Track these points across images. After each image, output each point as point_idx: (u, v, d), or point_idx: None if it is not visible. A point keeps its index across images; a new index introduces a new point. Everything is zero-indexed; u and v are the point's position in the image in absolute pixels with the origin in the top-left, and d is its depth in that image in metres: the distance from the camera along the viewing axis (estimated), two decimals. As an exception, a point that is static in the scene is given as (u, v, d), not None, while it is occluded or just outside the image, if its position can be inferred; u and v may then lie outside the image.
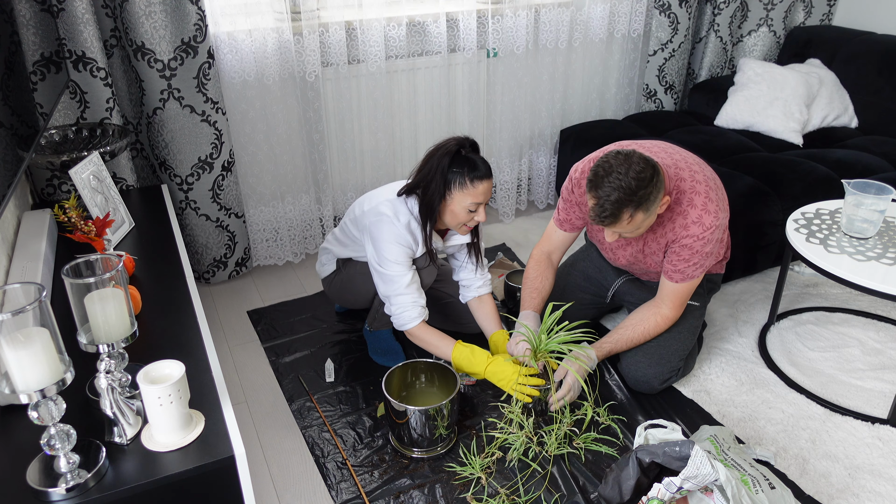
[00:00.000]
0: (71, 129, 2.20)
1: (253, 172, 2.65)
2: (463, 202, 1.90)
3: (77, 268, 1.16)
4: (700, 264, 1.88)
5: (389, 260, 1.93)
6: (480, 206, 1.92)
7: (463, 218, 1.93)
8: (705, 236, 1.82)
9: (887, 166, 2.74)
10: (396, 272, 1.94)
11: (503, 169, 3.16)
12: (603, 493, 1.65)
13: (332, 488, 1.75)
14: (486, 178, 1.89)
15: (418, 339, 1.99)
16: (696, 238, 1.83)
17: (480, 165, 1.89)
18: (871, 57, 3.13)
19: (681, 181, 1.85)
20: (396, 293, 1.95)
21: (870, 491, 1.73)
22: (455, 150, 1.88)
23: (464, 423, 1.96)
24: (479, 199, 1.90)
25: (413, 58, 2.77)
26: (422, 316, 1.97)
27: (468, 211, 1.91)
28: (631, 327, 2.01)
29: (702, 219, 1.81)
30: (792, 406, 2.02)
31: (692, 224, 1.82)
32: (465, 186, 1.88)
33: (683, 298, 1.97)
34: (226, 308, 2.57)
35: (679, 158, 1.90)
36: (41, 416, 1.07)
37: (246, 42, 2.41)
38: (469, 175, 1.87)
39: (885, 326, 2.38)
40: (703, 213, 1.81)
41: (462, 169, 1.87)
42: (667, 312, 1.98)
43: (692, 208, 1.82)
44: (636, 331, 2.00)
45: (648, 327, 2.00)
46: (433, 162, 1.90)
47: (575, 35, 3.04)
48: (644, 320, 2.00)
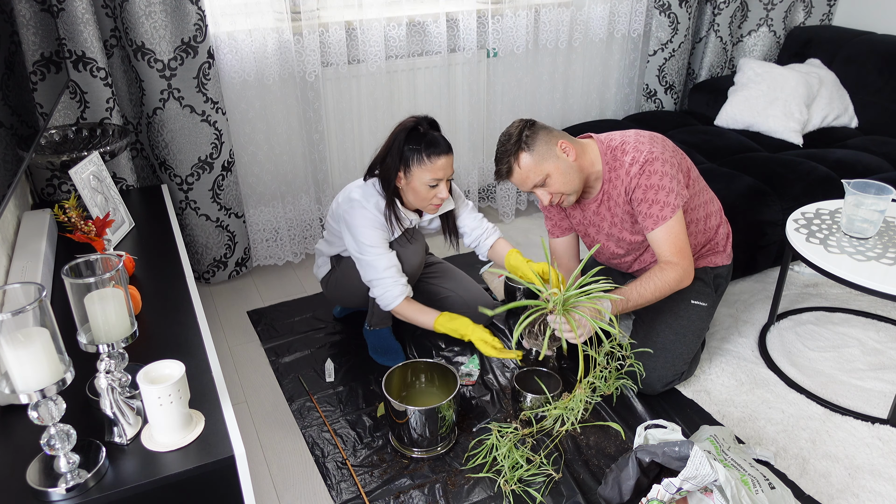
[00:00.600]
0: (71, 129, 2.20)
1: (253, 172, 2.65)
2: (422, 178, 1.91)
3: (77, 268, 1.16)
4: (664, 202, 1.86)
5: (366, 244, 1.96)
6: (440, 182, 1.93)
7: (424, 194, 1.94)
8: (646, 169, 1.87)
9: (887, 166, 2.74)
10: (374, 255, 1.97)
11: (503, 169, 3.16)
12: (603, 494, 1.65)
13: (332, 488, 1.75)
14: (443, 153, 1.90)
15: (404, 316, 2.01)
16: (638, 175, 1.88)
17: (438, 141, 1.90)
18: (871, 57, 3.13)
19: (611, 141, 1.97)
20: (378, 276, 1.98)
21: (870, 491, 1.73)
22: (412, 126, 1.91)
23: (464, 423, 1.96)
24: (438, 174, 1.90)
25: (413, 58, 2.77)
26: (404, 293, 1.99)
27: (429, 187, 1.92)
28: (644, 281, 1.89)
29: (635, 158, 1.89)
30: (792, 406, 2.02)
31: (630, 166, 1.90)
32: (422, 162, 1.89)
33: (678, 244, 1.89)
34: (226, 308, 2.57)
35: (615, 132, 2.01)
36: (41, 416, 1.07)
37: (246, 42, 2.41)
38: (426, 151, 1.88)
39: (885, 326, 2.38)
40: (635, 153, 1.90)
41: (419, 145, 1.89)
42: (669, 259, 1.89)
43: (625, 155, 1.92)
44: (650, 283, 1.88)
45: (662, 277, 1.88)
46: (390, 139, 1.94)
47: (575, 35, 3.04)
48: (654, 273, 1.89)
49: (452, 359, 2.24)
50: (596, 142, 1.98)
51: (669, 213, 1.87)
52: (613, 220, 2.02)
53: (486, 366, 2.20)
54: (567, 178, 1.89)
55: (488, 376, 2.15)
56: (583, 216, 2.11)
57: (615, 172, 1.94)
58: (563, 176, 1.89)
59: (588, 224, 2.11)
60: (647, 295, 1.89)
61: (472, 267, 2.76)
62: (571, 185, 1.91)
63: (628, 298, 1.89)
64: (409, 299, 2.01)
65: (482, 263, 2.80)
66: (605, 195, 1.99)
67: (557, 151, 1.88)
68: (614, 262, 2.19)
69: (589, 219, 2.09)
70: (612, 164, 1.94)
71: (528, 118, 1.92)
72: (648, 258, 2.10)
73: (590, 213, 2.07)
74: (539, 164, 1.86)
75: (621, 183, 1.93)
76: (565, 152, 1.88)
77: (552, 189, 1.90)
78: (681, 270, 1.90)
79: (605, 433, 1.91)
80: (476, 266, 2.78)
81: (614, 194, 1.97)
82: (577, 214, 2.13)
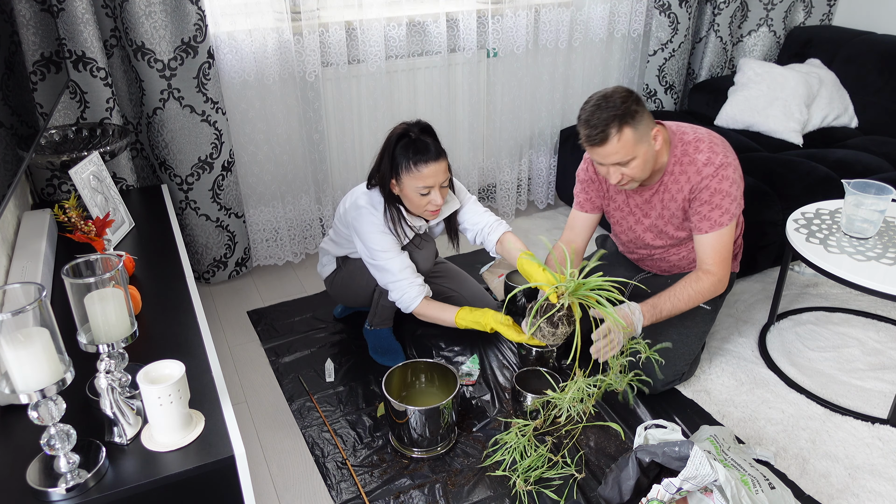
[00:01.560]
0: (71, 129, 2.20)
1: (253, 172, 2.65)
2: (412, 186, 1.89)
3: (77, 268, 1.16)
4: (726, 208, 1.86)
5: (377, 250, 1.96)
6: (432, 189, 1.90)
7: (418, 202, 1.93)
8: (720, 173, 1.85)
9: (887, 166, 2.74)
10: (387, 259, 1.96)
11: (503, 169, 3.16)
12: (603, 494, 1.65)
13: (332, 488, 1.75)
14: (431, 160, 1.86)
15: (425, 316, 2.00)
16: (711, 177, 1.85)
17: (427, 148, 1.87)
18: (871, 57, 3.13)
19: (683, 135, 1.92)
20: (394, 279, 1.97)
21: (870, 491, 1.73)
22: (401, 133, 1.89)
23: (464, 423, 1.96)
24: (428, 181, 1.88)
25: (413, 58, 2.77)
26: (422, 293, 1.97)
27: (420, 195, 1.90)
28: (678, 290, 1.90)
29: (711, 159, 1.86)
30: (792, 406, 2.02)
31: (703, 166, 1.86)
32: (410, 171, 1.88)
33: (723, 254, 1.90)
34: (226, 308, 2.57)
35: (684, 124, 1.95)
36: (41, 416, 1.07)
37: (246, 42, 2.41)
38: (413, 158, 1.86)
39: (885, 326, 2.38)
40: (711, 154, 1.86)
41: (407, 153, 1.87)
42: (710, 268, 1.90)
43: (699, 153, 1.88)
44: (684, 293, 1.89)
45: (697, 287, 1.89)
46: (382, 147, 1.93)
47: (575, 35, 3.04)
48: (689, 281, 1.90)
49: (452, 359, 2.24)
50: (668, 132, 1.91)
51: (727, 221, 1.88)
52: (663, 213, 1.99)
53: (486, 366, 2.20)
54: (647, 166, 1.83)
55: (488, 376, 2.15)
56: (627, 202, 2.06)
57: (682, 167, 1.90)
58: (645, 163, 1.82)
59: (630, 211, 2.06)
60: (680, 305, 1.91)
61: (472, 267, 2.76)
62: (645, 174, 1.85)
63: (661, 308, 1.90)
64: (428, 299, 1.99)
65: (482, 264, 2.80)
66: (662, 186, 1.95)
67: (650, 136, 1.81)
68: (640, 253, 2.15)
69: (635, 205, 2.04)
70: (680, 158, 1.90)
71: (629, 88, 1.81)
72: (674, 255, 2.09)
73: (639, 200, 2.03)
74: (636, 144, 1.77)
75: (687, 180, 1.89)
76: (655, 139, 1.82)
77: (628, 172, 1.81)
78: (716, 280, 1.91)
79: (605, 433, 1.91)
80: (476, 266, 2.78)
81: (674, 189, 1.93)
82: (619, 199, 2.07)
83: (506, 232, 2.09)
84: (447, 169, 1.92)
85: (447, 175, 1.92)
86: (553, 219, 3.24)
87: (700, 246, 1.93)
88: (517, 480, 1.72)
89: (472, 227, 2.13)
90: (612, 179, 1.85)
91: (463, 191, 2.16)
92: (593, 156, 1.83)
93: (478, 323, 1.91)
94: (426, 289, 2.00)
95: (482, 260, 2.85)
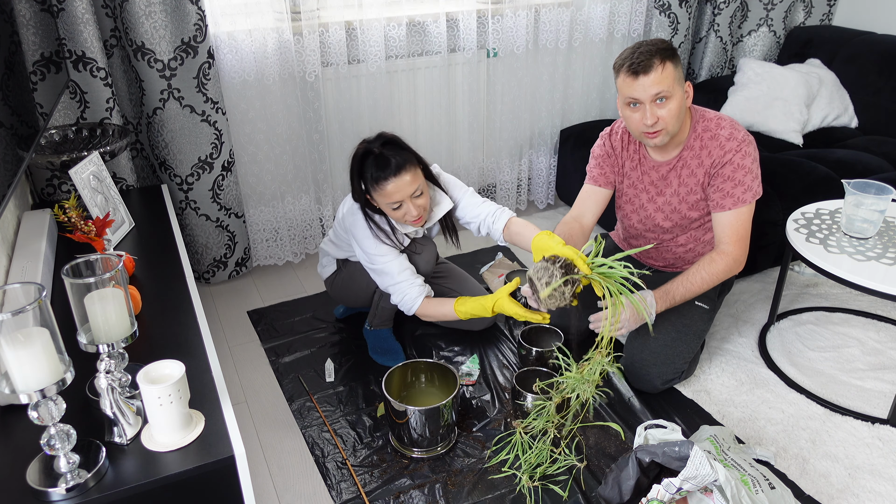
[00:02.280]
0: (71, 129, 2.20)
1: (253, 172, 2.65)
2: (383, 202, 1.88)
3: (77, 268, 1.16)
4: (748, 186, 1.88)
5: (374, 254, 1.96)
6: (402, 202, 1.87)
7: (395, 216, 1.92)
8: (742, 149, 1.87)
9: (887, 166, 2.74)
10: (385, 262, 1.96)
11: (503, 169, 3.16)
12: (603, 494, 1.65)
13: (332, 488, 1.75)
14: (391, 176, 1.82)
15: (427, 316, 1.99)
16: (734, 151, 1.87)
17: (387, 164, 1.82)
18: (871, 57, 3.13)
19: (705, 112, 1.95)
20: (394, 282, 1.97)
21: (870, 491, 1.73)
22: (363, 152, 1.87)
23: (464, 423, 1.96)
24: (394, 197, 1.84)
25: (413, 58, 2.77)
26: (422, 294, 1.97)
27: (392, 209, 1.89)
28: (692, 273, 1.92)
29: (733, 135, 1.89)
30: (792, 406, 2.02)
31: (726, 140, 1.89)
32: (374, 189, 1.86)
33: (742, 233, 1.91)
34: (226, 308, 2.57)
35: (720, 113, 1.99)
36: (41, 416, 1.07)
37: (246, 42, 2.41)
38: (375, 176, 1.84)
39: (885, 326, 2.38)
40: (733, 130, 1.89)
41: (370, 171, 1.85)
42: (727, 248, 1.91)
43: (721, 129, 1.90)
44: (697, 275, 1.91)
45: (711, 269, 1.90)
46: (350, 168, 1.92)
47: (575, 35, 3.04)
48: (703, 264, 1.91)
49: (452, 359, 2.24)
50: (690, 108, 1.94)
51: (750, 198, 1.89)
52: (678, 190, 1.99)
53: (486, 366, 2.20)
54: (679, 114, 1.84)
55: (488, 376, 2.15)
56: (641, 179, 2.05)
57: (703, 142, 1.92)
58: (679, 110, 1.84)
59: (644, 188, 2.05)
60: (693, 288, 1.93)
61: (472, 267, 2.76)
62: (676, 124, 1.86)
63: (674, 294, 1.92)
64: (429, 298, 1.99)
65: (482, 264, 2.80)
66: (681, 162, 1.96)
67: (685, 87, 1.86)
68: (648, 237, 2.14)
69: (650, 182, 2.04)
70: (702, 134, 1.92)
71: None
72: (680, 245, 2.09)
73: (654, 176, 2.02)
74: (675, 81, 1.81)
75: (709, 154, 1.90)
76: (687, 94, 1.87)
77: (664, 114, 1.82)
78: (731, 261, 1.92)
79: (605, 433, 1.91)
80: (476, 266, 2.78)
81: (694, 163, 1.94)
82: (634, 176, 2.07)
83: (511, 217, 2.01)
84: (416, 179, 1.85)
85: (416, 184, 1.86)
86: (553, 219, 3.24)
87: (719, 224, 1.93)
88: (522, 477, 1.72)
89: (474, 219, 2.06)
90: (647, 120, 1.82)
91: (458, 186, 2.09)
92: (633, 90, 1.81)
93: (477, 305, 1.87)
94: (427, 289, 1.99)
95: (482, 260, 2.86)
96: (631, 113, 1.86)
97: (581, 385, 1.74)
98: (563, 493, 1.70)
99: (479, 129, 3.05)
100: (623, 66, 1.82)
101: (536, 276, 1.65)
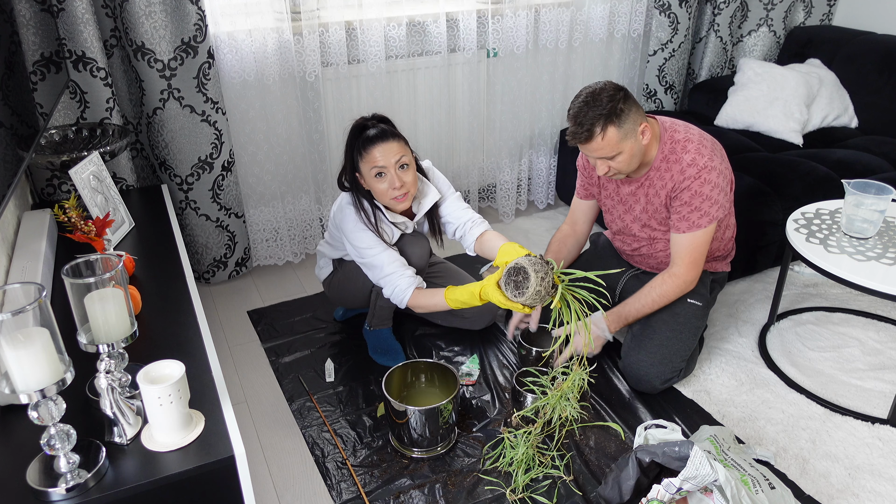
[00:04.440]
0: (71, 129, 2.20)
1: (253, 172, 2.65)
2: (367, 172, 1.90)
3: (77, 268, 1.16)
4: (705, 211, 1.90)
5: (363, 247, 1.96)
6: (385, 169, 1.88)
7: (379, 188, 1.92)
8: (702, 176, 1.88)
9: (887, 166, 2.74)
10: (373, 256, 1.96)
11: (503, 169, 3.16)
12: (603, 494, 1.65)
13: (332, 488, 1.75)
14: (378, 141, 1.86)
15: (419, 306, 1.98)
16: (693, 178, 1.88)
17: (377, 129, 1.87)
18: (871, 57, 3.13)
19: (675, 132, 1.95)
20: (384, 275, 1.97)
21: (870, 491, 1.73)
22: (356, 125, 1.92)
23: (464, 423, 1.96)
24: (378, 162, 1.87)
25: (413, 58, 2.77)
26: (412, 285, 1.95)
27: (375, 177, 1.90)
28: (643, 293, 2.01)
29: (695, 161, 1.89)
30: (792, 406, 2.02)
31: (687, 167, 1.90)
32: (361, 155, 1.90)
33: (695, 256, 1.95)
34: (226, 308, 2.57)
35: (679, 122, 1.98)
36: (41, 416, 1.07)
37: (246, 42, 2.41)
38: (362, 141, 1.88)
39: (885, 326, 2.38)
40: (697, 155, 1.89)
41: (358, 139, 1.89)
42: (678, 271, 1.97)
43: (685, 153, 1.91)
44: (648, 297, 2.00)
45: (661, 290, 1.98)
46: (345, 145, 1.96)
47: (575, 35, 3.04)
48: (654, 285, 2.00)
49: (452, 359, 2.24)
50: (660, 126, 1.96)
51: (706, 223, 1.92)
52: (646, 207, 2.03)
53: (486, 366, 2.20)
54: (633, 160, 1.88)
55: (488, 376, 2.15)
56: (616, 192, 2.11)
57: (667, 165, 1.93)
58: (631, 158, 1.87)
59: (618, 201, 2.11)
60: (645, 308, 2.02)
61: (472, 267, 2.76)
62: (631, 167, 1.91)
63: (626, 315, 2.04)
64: (420, 289, 1.98)
65: (482, 264, 2.80)
66: (647, 181, 1.99)
67: (638, 132, 1.86)
68: (630, 245, 2.19)
69: (622, 196, 2.09)
70: (668, 156, 1.93)
71: (619, 84, 1.85)
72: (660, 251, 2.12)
73: (625, 191, 2.07)
74: (620, 141, 1.82)
75: (671, 177, 1.93)
76: (642, 135, 1.87)
77: (614, 165, 1.88)
78: (681, 282, 1.98)
79: (605, 433, 1.91)
80: (476, 266, 2.78)
81: (658, 185, 1.96)
82: (610, 187, 2.12)
83: (487, 230, 2.07)
84: (402, 149, 1.90)
85: (401, 154, 1.89)
86: (553, 219, 3.24)
87: (674, 245, 1.98)
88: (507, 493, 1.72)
89: (455, 220, 2.10)
90: (599, 171, 1.91)
91: (445, 184, 2.13)
92: (582, 149, 1.90)
93: (467, 291, 1.85)
94: (418, 279, 1.98)
95: (482, 260, 2.85)
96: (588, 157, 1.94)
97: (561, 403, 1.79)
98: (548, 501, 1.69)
99: (478, 129, 3.05)
100: (569, 129, 1.87)
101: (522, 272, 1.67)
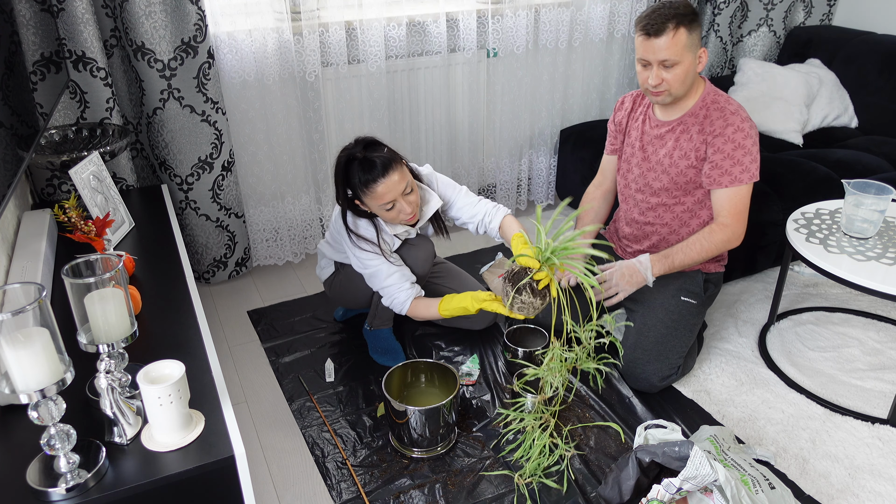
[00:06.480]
0: (71, 129, 2.20)
1: (253, 172, 2.65)
2: (375, 205, 1.89)
3: (77, 268, 1.16)
4: (745, 166, 1.92)
5: (364, 259, 1.97)
6: (395, 201, 1.87)
7: (389, 217, 1.93)
8: (745, 128, 1.91)
9: (887, 166, 2.74)
10: (375, 266, 1.97)
11: (503, 169, 3.16)
12: (603, 494, 1.65)
13: (332, 488, 1.75)
14: (380, 177, 1.82)
15: (417, 316, 2.00)
16: (736, 128, 1.91)
17: (373, 166, 1.83)
18: (871, 57, 3.13)
19: (718, 90, 2.00)
20: (384, 284, 1.98)
21: (870, 491, 1.73)
22: (346, 160, 1.88)
23: (464, 423, 1.96)
24: (386, 198, 1.85)
25: (413, 58, 2.77)
26: (411, 296, 1.98)
27: (386, 210, 1.90)
28: (691, 242, 1.99)
29: (739, 112, 1.93)
30: (792, 406, 2.02)
31: (731, 114, 1.93)
32: (365, 193, 1.86)
33: (740, 208, 1.96)
34: (226, 308, 2.57)
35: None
36: (41, 416, 1.07)
37: (246, 42, 2.41)
38: (363, 180, 1.84)
39: (885, 326, 2.38)
40: (741, 111, 1.93)
41: (357, 176, 1.85)
42: (726, 221, 1.96)
43: (729, 104, 1.95)
44: (696, 245, 1.98)
45: (710, 239, 1.96)
46: (334, 177, 1.93)
47: (575, 35, 3.04)
48: (702, 234, 1.98)
49: (452, 359, 2.24)
50: (705, 82, 2.00)
51: (747, 179, 1.93)
52: (672, 152, 2.02)
53: (486, 366, 2.20)
54: (686, 80, 1.90)
55: (488, 376, 2.15)
56: (642, 134, 2.11)
57: (707, 112, 1.96)
58: (686, 76, 1.89)
59: (642, 146, 2.10)
60: (692, 254, 1.99)
61: (472, 267, 2.76)
62: (681, 88, 1.92)
63: (673, 258, 1.99)
64: (418, 298, 1.99)
65: (482, 264, 2.80)
66: (682, 125, 2.00)
67: (697, 53, 1.90)
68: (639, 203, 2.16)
69: (647, 140, 2.09)
70: (709, 103, 1.96)
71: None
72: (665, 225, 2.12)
73: (653, 134, 2.07)
74: (686, 49, 1.85)
75: (710, 123, 1.94)
76: (699, 60, 1.91)
77: (669, 77, 1.88)
78: (730, 233, 1.97)
79: (605, 433, 1.91)
80: (476, 266, 2.78)
81: (694, 129, 1.98)
82: (634, 134, 2.13)
83: (505, 216, 2.08)
84: (403, 176, 1.86)
85: (405, 181, 1.87)
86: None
87: (717, 200, 1.99)
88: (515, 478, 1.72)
89: (471, 219, 2.10)
90: (651, 81, 1.90)
91: (450, 185, 2.11)
92: (643, 50, 1.89)
93: (461, 308, 1.88)
94: (416, 289, 2.00)
95: (482, 260, 2.86)
96: (641, 69, 1.94)
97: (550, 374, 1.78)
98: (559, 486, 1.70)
99: (479, 129, 3.05)
100: (639, 25, 1.88)
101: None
